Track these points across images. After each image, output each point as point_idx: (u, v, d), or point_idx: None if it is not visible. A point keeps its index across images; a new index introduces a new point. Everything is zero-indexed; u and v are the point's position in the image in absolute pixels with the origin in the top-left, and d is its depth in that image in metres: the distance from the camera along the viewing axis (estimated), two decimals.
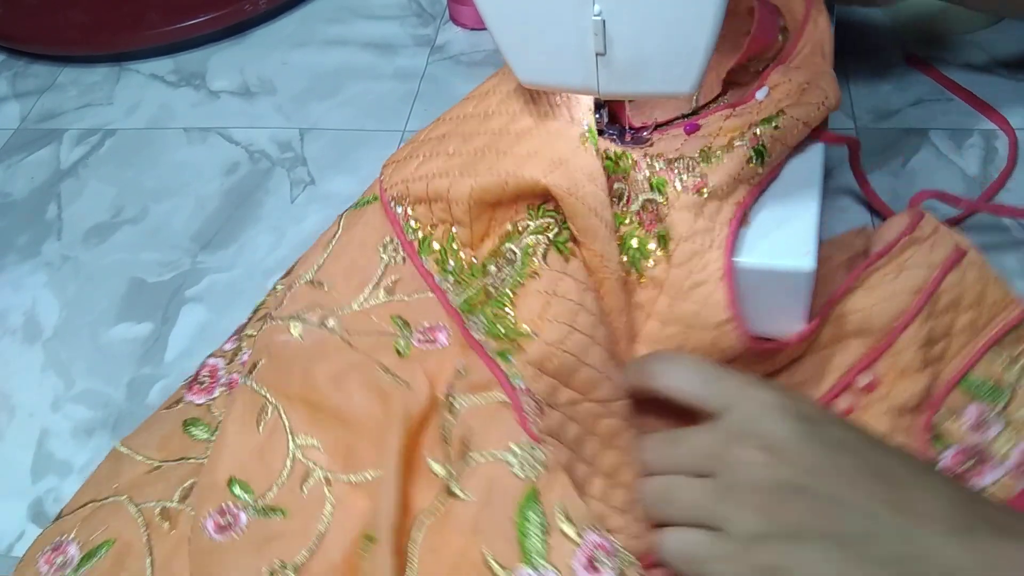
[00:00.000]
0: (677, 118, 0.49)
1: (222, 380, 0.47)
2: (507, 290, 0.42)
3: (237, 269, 0.58)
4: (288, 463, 0.42)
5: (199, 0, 0.75)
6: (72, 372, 0.54)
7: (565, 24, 0.39)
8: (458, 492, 0.37)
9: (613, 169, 0.45)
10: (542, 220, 0.43)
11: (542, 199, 0.44)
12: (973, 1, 0.57)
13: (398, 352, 0.44)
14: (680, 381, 0.40)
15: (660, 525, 0.39)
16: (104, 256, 0.61)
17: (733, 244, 0.43)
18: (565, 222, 0.43)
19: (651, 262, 0.43)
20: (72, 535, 0.43)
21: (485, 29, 0.43)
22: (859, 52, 0.65)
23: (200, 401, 0.48)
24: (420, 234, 0.47)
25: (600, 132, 0.48)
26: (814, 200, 0.45)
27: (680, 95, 0.41)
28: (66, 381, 0.54)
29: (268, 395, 0.43)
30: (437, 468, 0.39)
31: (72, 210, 0.65)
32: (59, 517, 0.45)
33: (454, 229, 0.46)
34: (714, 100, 0.50)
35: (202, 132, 0.69)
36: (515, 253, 0.43)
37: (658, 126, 0.49)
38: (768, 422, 0.37)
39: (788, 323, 0.46)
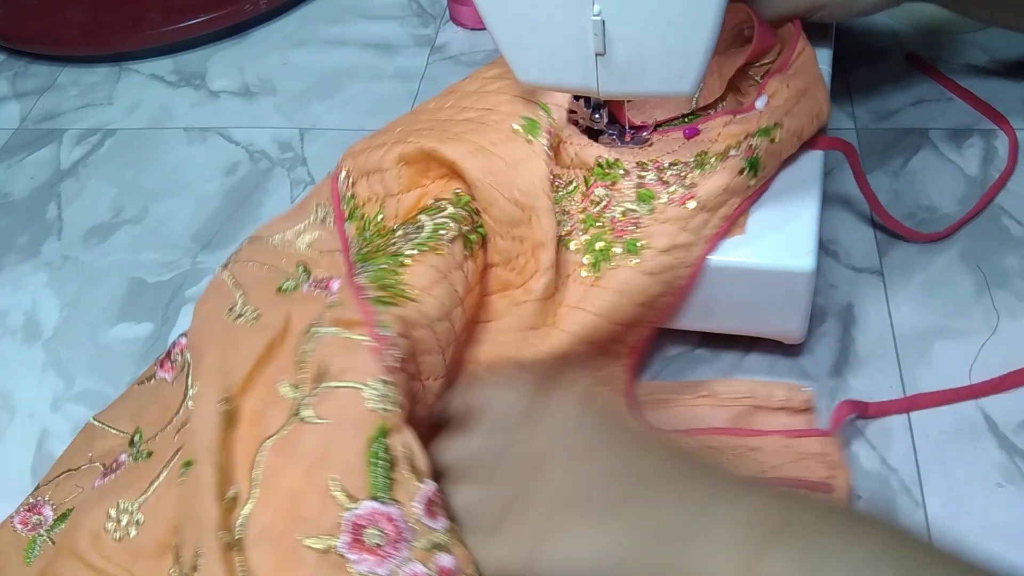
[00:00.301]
0: (677, 118, 0.50)
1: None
2: (406, 251, 0.42)
3: None
4: (177, 411, 0.43)
5: (199, 0, 0.75)
6: (72, 372, 0.55)
7: (565, 24, 0.39)
8: (309, 416, 0.37)
9: (601, 176, 0.45)
10: (461, 210, 0.44)
11: (467, 191, 0.45)
12: (972, 11, 0.57)
13: (280, 289, 0.45)
14: (494, 394, 0.40)
15: None
16: (104, 256, 0.61)
17: (703, 264, 0.44)
18: (480, 224, 0.45)
19: (612, 263, 0.43)
20: (47, 497, 0.45)
21: (485, 29, 0.43)
22: (859, 52, 0.65)
23: (171, 378, 0.48)
24: (354, 203, 0.49)
25: (600, 132, 0.49)
26: (814, 200, 0.45)
27: (680, 95, 0.41)
28: (66, 381, 0.54)
29: (187, 354, 0.45)
30: (287, 391, 0.39)
31: (72, 210, 0.65)
32: (36, 488, 0.47)
33: (385, 204, 0.48)
34: (714, 103, 0.50)
35: (202, 132, 0.69)
36: (424, 222, 0.44)
37: (658, 125, 0.49)
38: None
39: (788, 323, 0.46)
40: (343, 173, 0.50)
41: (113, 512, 0.39)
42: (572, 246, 0.44)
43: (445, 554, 0.35)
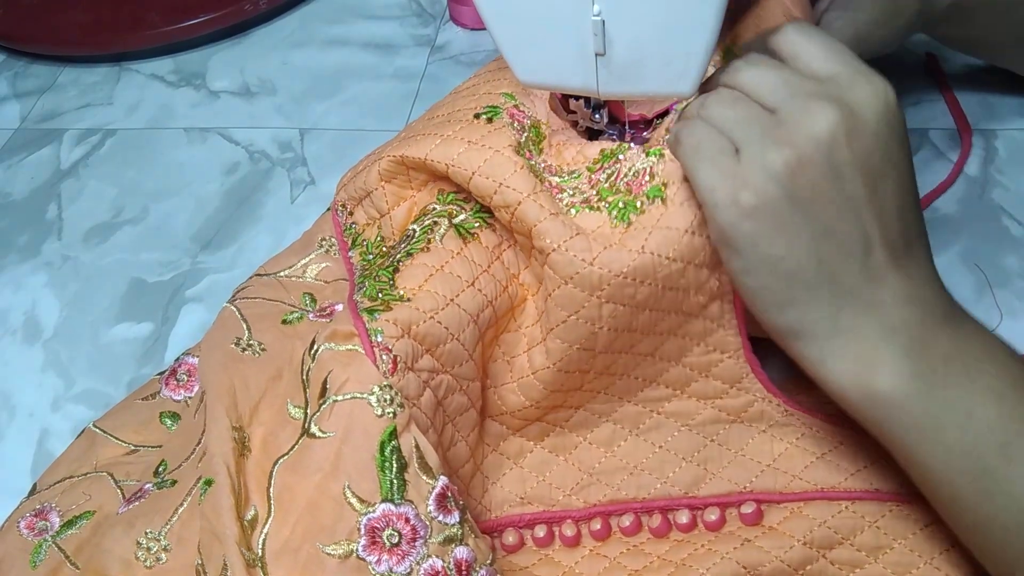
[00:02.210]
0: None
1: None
2: (396, 260, 0.43)
3: (237, 269, 0.59)
4: (198, 442, 0.43)
5: (199, 0, 0.75)
6: (72, 372, 0.55)
7: (565, 24, 0.39)
8: (316, 431, 0.38)
9: (606, 160, 0.44)
10: (447, 206, 0.45)
11: (451, 186, 0.45)
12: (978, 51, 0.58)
13: (284, 321, 0.46)
14: (804, 43, 0.37)
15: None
16: (104, 256, 0.61)
17: None
18: (478, 209, 0.44)
19: (640, 210, 0.41)
20: (54, 503, 0.45)
21: (485, 29, 0.43)
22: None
23: (178, 397, 0.49)
24: (355, 231, 0.50)
25: (600, 132, 0.49)
26: None
27: (680, 96, 0.41)
28: (66, 381, 0.54)
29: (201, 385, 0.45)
30: (294, 412, 0.40)
31: (72, 210, 0.65)
32: (34, 491, 0.47)
33: (381, 224, 0.48)
34: None
35: (202, 132, 0.69)
36: (414, 231, 0.44)
37: (658, 118, 0.49)
38: (864, 111, 0.35)
39: None
40: (340, 205, 0.51)
41: (142, 540, 0.40)
42: (597, 208, 0.43)
43: (460, 547, 0.37)
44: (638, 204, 0.41)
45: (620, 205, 0.42)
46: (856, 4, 0.49)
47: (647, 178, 0.42)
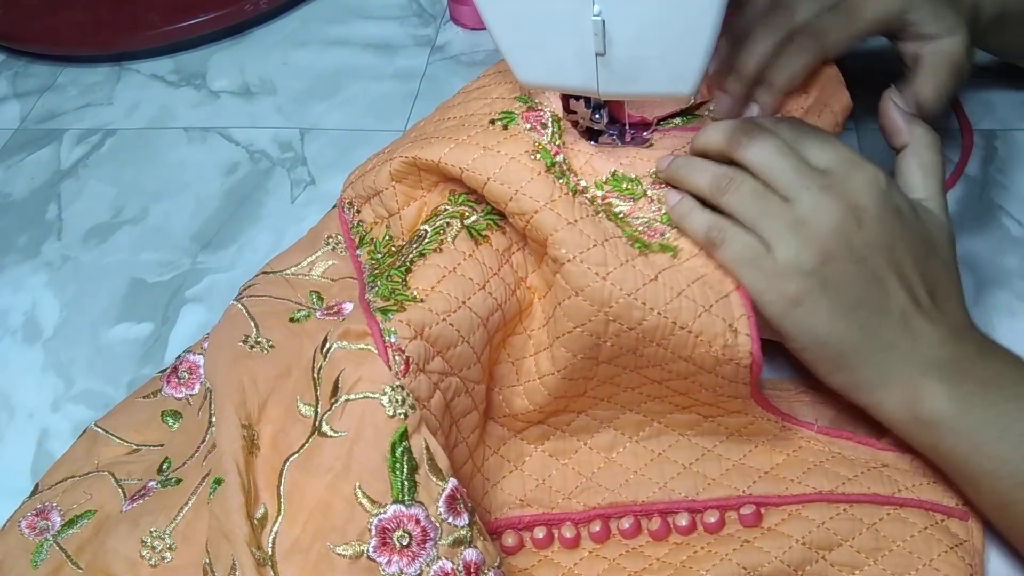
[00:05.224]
0: (677, 114, 0.49)
1: (202, 377, 0.48)
2: (408, 260, 0.43)
3: (237, 269, 0.59)
4: (203, 439, 0.44)
5: (199, 0, 0.75)
6: (72, 372, 0.55)
7: (565, 24, 0.39)
8: (327, 430, 0.38)
9: (616, 187, 0.45)
10: (459, 207, 0.45)
11: (462, 188, 0.45)
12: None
13: (292, 319, 0.45)
14: (802, 138, 0.42)
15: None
16: (104, 256, 0.61)
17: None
18: (489, 211, 0.44)
19: (653, 251, 0.42)
20: (55, 502, 0.45)
21: (485, 29, 0.43)
22: (859, 51, 0.65)
23: (179, 395, 0.49)
24: (362, 230, 0.50)
25: (600, 132, 0.49)
26: None
27: (680, 96, 0.41)
28: (66, 381, 0.54)
29: (207, 382, 0.45)
30: (305, 410, 0.40)
31: (72, 210, 0.65)
32: (36, 491, 0.47)
33: (390, 224, 0.48)
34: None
35: (202, 132, 0.69)
36: (426, 231, 0.44)
37: (658, 122, 0.49)
38: (864, 199, 0.40)
39: None
40: (347, 203, 0.51)
41: (147, 539, 0.40)
42: (610, 219, 0.43)
43: (469, 549, 0.37)
44: (649, 245, 0.42)
45: (632, 235, 0.42)
46: (938, 31, 0.50)
47: (659, 235, 0.43)
